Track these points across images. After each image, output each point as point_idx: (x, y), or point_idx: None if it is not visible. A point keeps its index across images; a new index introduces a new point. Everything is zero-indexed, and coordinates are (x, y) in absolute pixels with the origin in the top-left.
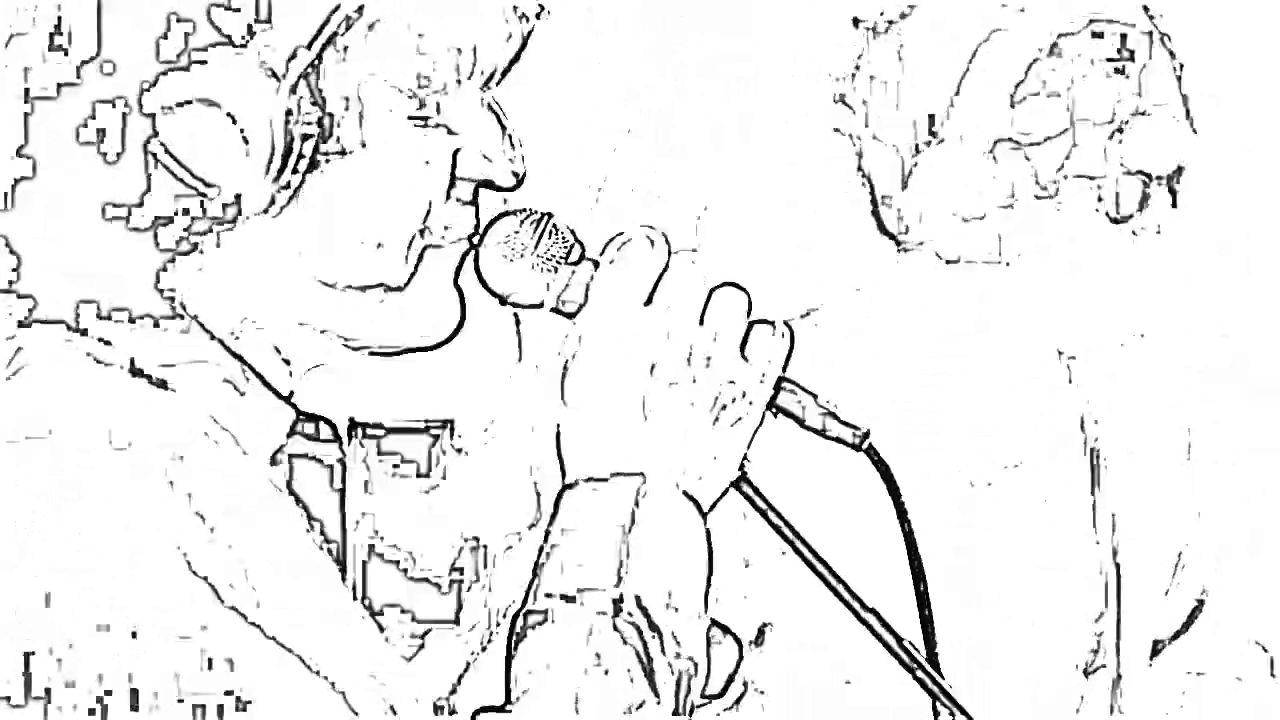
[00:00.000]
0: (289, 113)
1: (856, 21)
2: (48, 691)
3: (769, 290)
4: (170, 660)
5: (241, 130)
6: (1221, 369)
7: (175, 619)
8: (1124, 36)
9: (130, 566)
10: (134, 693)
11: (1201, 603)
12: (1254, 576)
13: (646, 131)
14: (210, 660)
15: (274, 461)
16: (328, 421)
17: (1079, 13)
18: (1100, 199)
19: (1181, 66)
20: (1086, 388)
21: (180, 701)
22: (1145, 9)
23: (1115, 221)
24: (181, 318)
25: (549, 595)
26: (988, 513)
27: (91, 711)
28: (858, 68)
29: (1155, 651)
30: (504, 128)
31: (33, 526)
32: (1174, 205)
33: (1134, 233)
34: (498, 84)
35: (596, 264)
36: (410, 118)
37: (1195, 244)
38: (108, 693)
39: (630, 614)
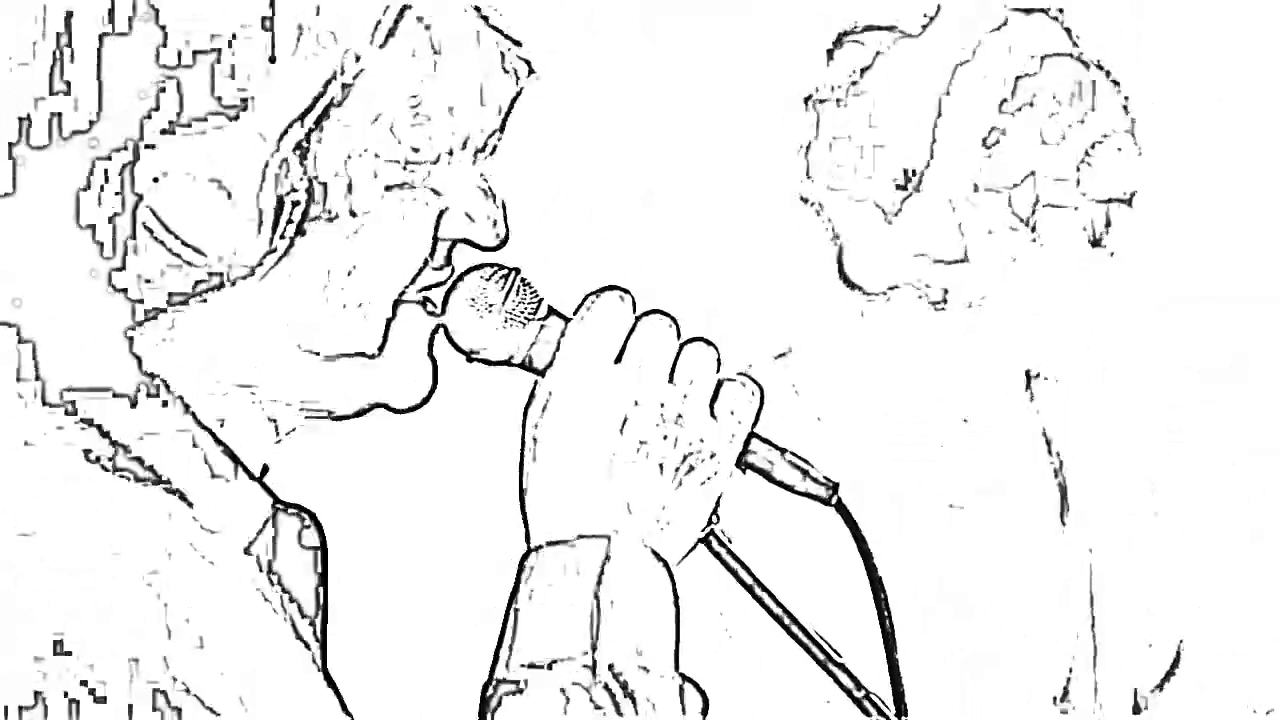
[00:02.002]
0: (279, 182)
1: (808, 100)
2: None
3: (740, 335)
4: None
5: (231, 199)
6: (1193, 396)
7: None
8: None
9: (115, 673)
10: None
11: (1180, 652)
12: (1234, 624)
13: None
14: None
15: (249, 551)
16: (306, 511)
17: (1024, 55)
18: (1085, 227)
19: (1126, 96)
20: (1053, 418)
21: None
22: (1074, 44)
23: (1094, 244)
24: (157, 390)
25: (521, 665)
26: (959, 540)
27: None
28: (816, 136)
29: (1137, 706)
30: (488, 188)
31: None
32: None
33: (1111, 253)
34: (492, 152)
35: (566, 320)
36: (396, 185)
37: (1165, 260)
38: None
39: (605, 681)
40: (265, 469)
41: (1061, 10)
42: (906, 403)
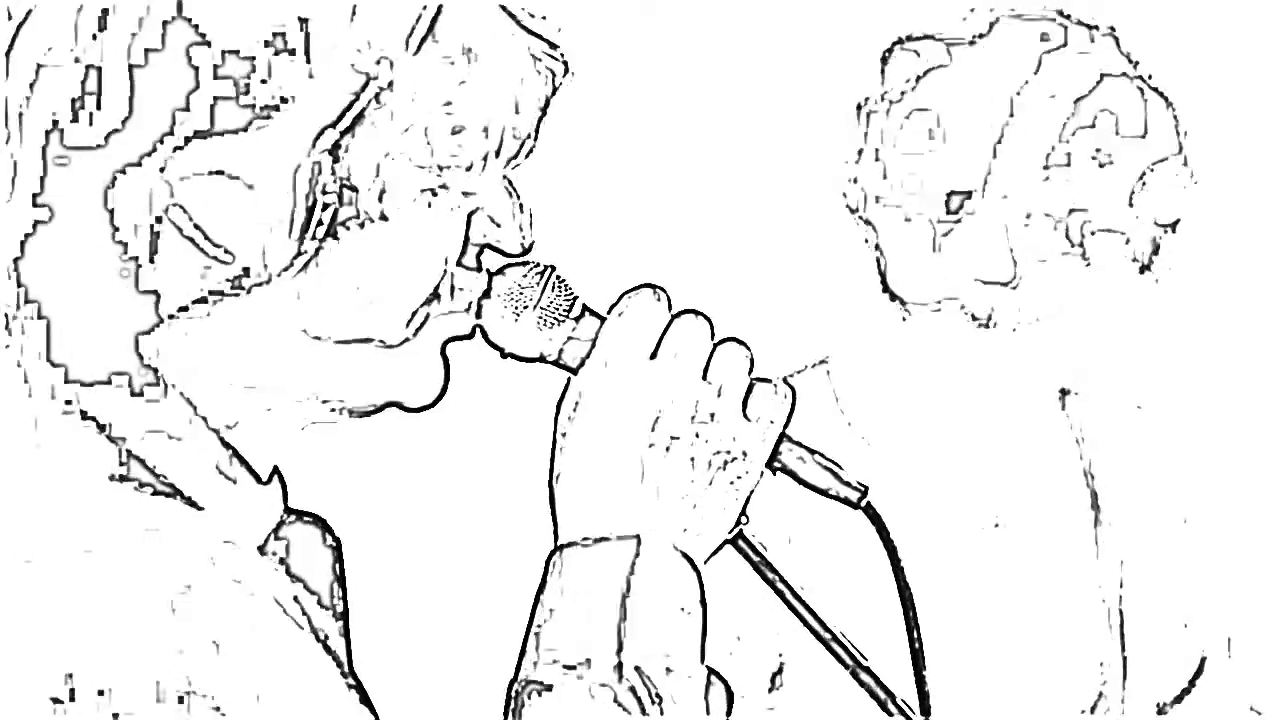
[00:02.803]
0: (312, 185)
1: (859, 107)
2: None
3: (779, 342)
4: None
5: (262, 200)
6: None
7: None
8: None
9: (136, 692)
10: None
11: (1204, 662)
12: (1256, 639)
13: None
14: None
15: (263, 551)
16: (317, 517)
17: (1084, 75)
18: (1135, 255)
19: (1178, 118)
20: (1086, 433)
21: None
22: (1133, 65)
23: (1143, 270)
24: (170, 394)
25: (548, 665)
26: (990, 550)
27: None
28: (862, 149)
29: (1161, 713)
30: (515, 195)
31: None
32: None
33: (1156, 279)
34: (528, 155)
35: (602, 319)
36: (430, 190)
37: (1210, 286)
38: None
39: (631, 683)
40: (275, 471)
41: (1116, 32)
42: (940, 416)
